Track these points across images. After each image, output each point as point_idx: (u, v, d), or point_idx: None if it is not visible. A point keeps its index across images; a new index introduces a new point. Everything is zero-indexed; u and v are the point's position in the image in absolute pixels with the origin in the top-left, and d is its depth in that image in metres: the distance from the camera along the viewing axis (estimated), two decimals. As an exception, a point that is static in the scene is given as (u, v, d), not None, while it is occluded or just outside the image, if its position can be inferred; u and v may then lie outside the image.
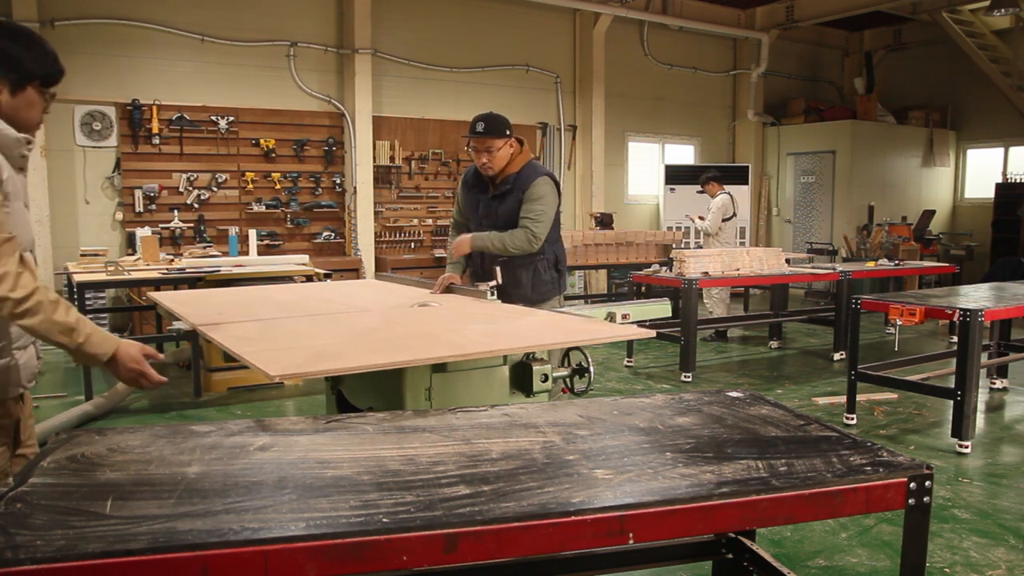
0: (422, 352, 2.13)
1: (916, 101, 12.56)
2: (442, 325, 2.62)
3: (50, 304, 1.70)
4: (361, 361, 2.00)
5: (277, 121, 8.53)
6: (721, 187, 7.78)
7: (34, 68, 1.81)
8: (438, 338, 2.39)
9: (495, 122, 3.54)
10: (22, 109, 1.81)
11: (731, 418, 1.90)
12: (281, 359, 1.97)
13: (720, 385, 5.76)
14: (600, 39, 10.40)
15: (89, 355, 1.77)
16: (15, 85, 1.78)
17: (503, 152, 3.51)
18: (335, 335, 2.41)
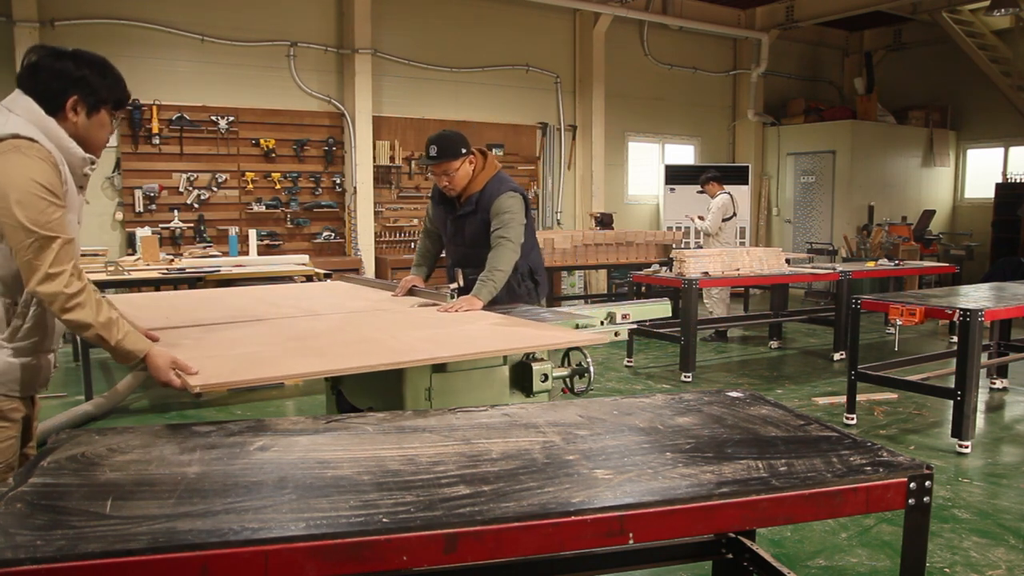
0: (354, 360, 2.11)
1: (916, 101, 12.56)
2: (386, 331, 2.54)
3: (95, 303, 1.85)
4: (287, 370, 2.01)
5: (277, 121, 8.53)
6: (721, 187, 7.77)
7: (108, 93, 1.97)
8: (379, 344, 2.31)
9: (449, 142, 3.38)
10: (94, 130, 1.97)
11: (731, 418, 1.90)
12: (207, 368, 1.95)
13: (720, 385, 5.76)
14: (600, 39, 10.40)
15: (125, 351, 1.90)
16: (91, 108, 1.94)
17: (463, 171, 3.39)
18: (272, 342, 2.37)
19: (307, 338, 2.43)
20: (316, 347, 2.29)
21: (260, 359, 2.12)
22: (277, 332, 2.55)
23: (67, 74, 1.90)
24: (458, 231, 3.52)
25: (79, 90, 1.90)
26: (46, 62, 1.90)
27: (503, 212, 3.35)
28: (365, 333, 2.52)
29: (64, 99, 1.89)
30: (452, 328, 2.62)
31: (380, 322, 2.74)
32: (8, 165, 1.75)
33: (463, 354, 2.26)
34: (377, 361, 2.07)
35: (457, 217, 3.50)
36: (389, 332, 2.50)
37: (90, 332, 1.83)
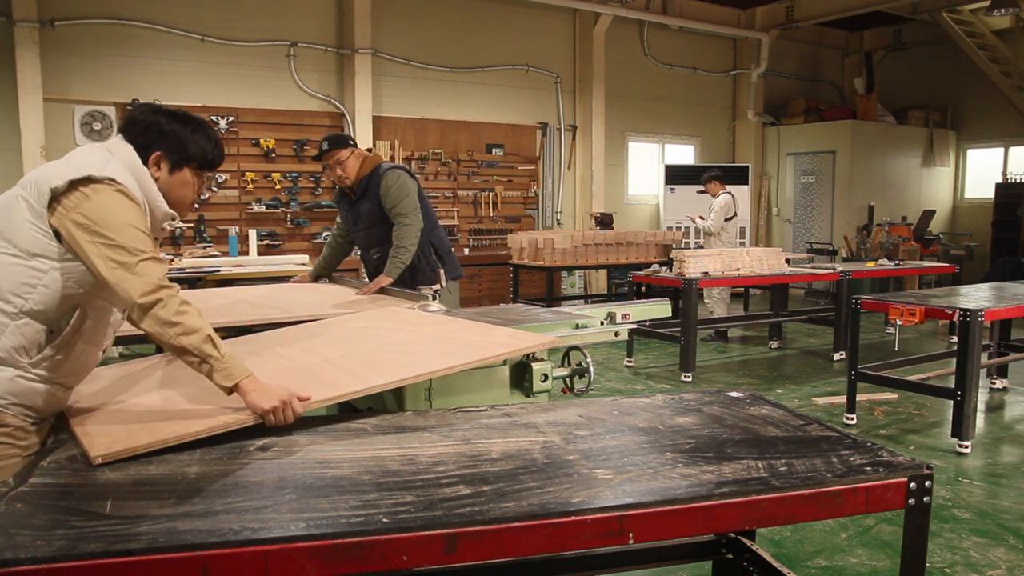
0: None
1: (916, 101, 12.56)
2: (319, 353, 2.28)
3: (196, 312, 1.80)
4: (165, 434, 1.62)
5: (277, 121, 8.53)
6: (723, 186, 7.78)
7: (194, 151, 1.96)
8: (311, 375, 2.02)
9: (336, 137, 3.89)
10: (176, 187, 1.95)
11: (731, 418, 1.90)
12: (109, 430, 1.68)
13: (720, 385, 5.76)
14: (600, 39, 10.40)
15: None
16: (174, 165, 1.92)
17: (351, 161, 3.80)
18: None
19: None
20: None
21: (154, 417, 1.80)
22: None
23: (156, 128, 1.91)
24: (357, 218, 3.89)
25: (164, 145, 1.90)
26: (141, 114, 1.92)
27: (391, 187, 3.73)
28: (296, 362, 2.20)
29: (149, 152, 1.89)
30: (391, 342, 2.40)
31: (317, 343, 2.43)
32: (109, 201, 1.74)
33: (387, 382, 1.94)
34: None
35: (354, 204, 3.88)
36: (323, 355, 2.25)
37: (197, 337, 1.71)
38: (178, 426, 1.65)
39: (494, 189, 9.85)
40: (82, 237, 1.69)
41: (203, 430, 1.64)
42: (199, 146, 1.98)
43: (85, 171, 1.72)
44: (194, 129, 1.97)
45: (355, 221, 3.92)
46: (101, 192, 1.72)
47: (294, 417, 1.74)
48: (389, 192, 3.73)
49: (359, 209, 3.86)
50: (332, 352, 2.25)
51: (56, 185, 1.71)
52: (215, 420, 1.69)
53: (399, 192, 3.73)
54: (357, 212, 3.88)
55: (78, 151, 1.89)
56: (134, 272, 1.69)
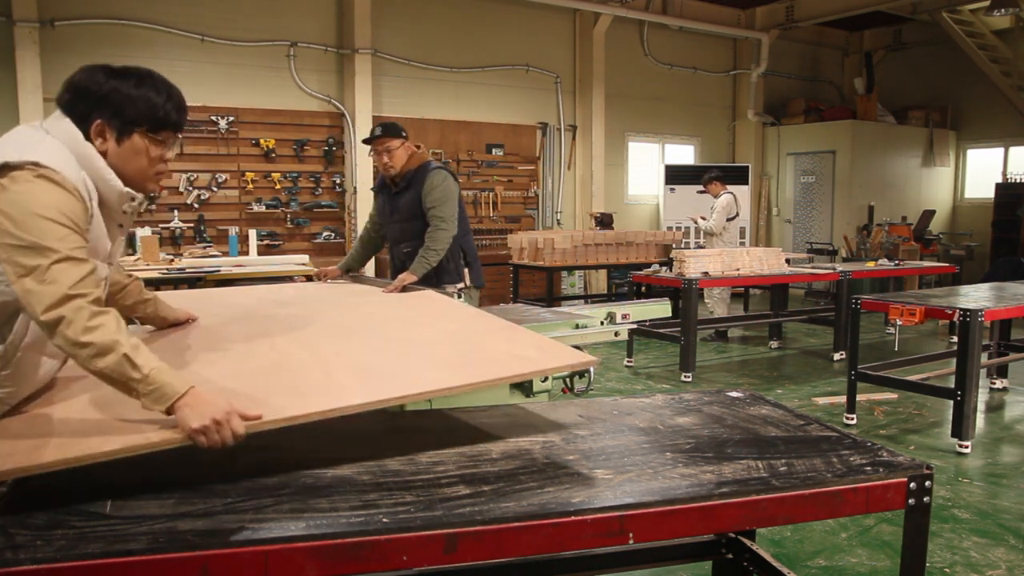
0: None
1: (916, 101, 12.56)
2: (313, 346, 1.99)
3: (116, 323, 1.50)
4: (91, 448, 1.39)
5: (277, 121, 8.52)
6: (724, 187, 7.78)
7: (141, 109, 1.63)
8: (288, 377, 1.73)
9: (391, 125, 3.91)
10: (129, 159, 1.64)
11: (731, 418, 1.90)
12: (15, 444, 1.44)
13: (720, 385, 5.76)
14: (600, 39, 10.40)
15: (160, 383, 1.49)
16: (120, 132, 1.62)
17: (400, 152, 3.83)
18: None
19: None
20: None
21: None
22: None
23: (92, 91, 1.59)
24: (394, 209, 3.91)
25: (103, 110, 1.59)
26: (79, 77, 1.62)
27: (435, 189, 3.76)
28: (278, 357, 1.93)
29: (90, 122, 1.59)
30: (405, 349, 2.02)
31: (307, 337, 2.13)
32: (26, 190, 1.46)
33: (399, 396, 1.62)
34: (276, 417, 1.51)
35: (394, 196, 3.90)
36: (311, 349, 1.98)
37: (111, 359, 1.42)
38: (94, 442, 1.39)
39: (494, 189, 9.85)
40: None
41: (120, 449, 1.37)
42: (147, 103, 1.64)
43: (2, 157, 1.47)
44: (138, 83, 1.64)
45: (391, 212, 3.94)
46: (19, 181, 1.45)
47: (233, 439, 1.42)
48: (432, 192, 3.75)
49: (398, 201, 3.88)
50: (328, 346, 1.98)
51: None
52: (136, 438, 1.41)
53: (442, 194, 3.75)
54: (396, 203, 3.90)
55: (8, 134, 1.60)
56: (42, 280, 1.41)
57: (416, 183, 3.80)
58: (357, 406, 1.52)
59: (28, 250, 1.42)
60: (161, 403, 1.41)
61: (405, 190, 3.84)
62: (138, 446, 1.39)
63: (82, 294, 1.43)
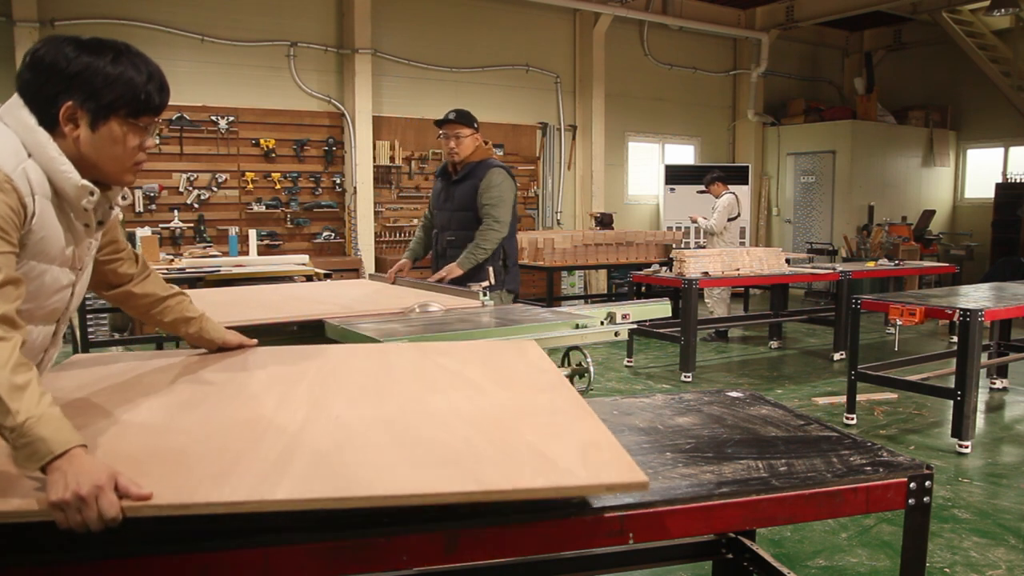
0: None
1: (916, 101, 12.56)
2: (325, 404, 1.58)
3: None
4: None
5: (277, 121, 8.53)
6: (725, 187, 7.79)
7: (120, 91, 1.42)
8: (240, 453, 1.30)
9: (464, 113, 3.94)
10: (104, 147, 1.43)
11: (731, 418, 1.90)
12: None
13: (720, 385, 5.76)
14: (600, 39, 10.40)
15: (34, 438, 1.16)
16: (95, 117, 1.41)
17: (468, 141, 3.89)
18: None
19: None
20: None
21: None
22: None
23: (60, 69, 1.38)
24: (449, 197, 3.95)
25: (74, 92, 1.38)
26: (43, 51, 1.40)
27: (493, 187, 3.83)
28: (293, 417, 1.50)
29: (57, 105, 1.38)
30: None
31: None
32: None
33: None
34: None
35: (452, 183, 3.94)
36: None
37: None
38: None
39: (494, 189, 9.84)
40: None
41: None
42: (126, 84, 1.42)
43: None
44: (115, 59, 1.42)
45: (446, 199, 3.99)
46: None
47: (100, 521, 1.09)
48: (490, 190, 3.81)
49: (455, 189, 3.94)
50: (337, 405, 1.58)
51: None
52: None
53: (499, 195, 3.83)
54: (452, 191, 3.95)
55: None
56: None
57: (475, 176, 3.87)
58: (275, 502, 1.13)
59: None
60: (32, 461, 1.14)
61: (463, 180, 3.90)
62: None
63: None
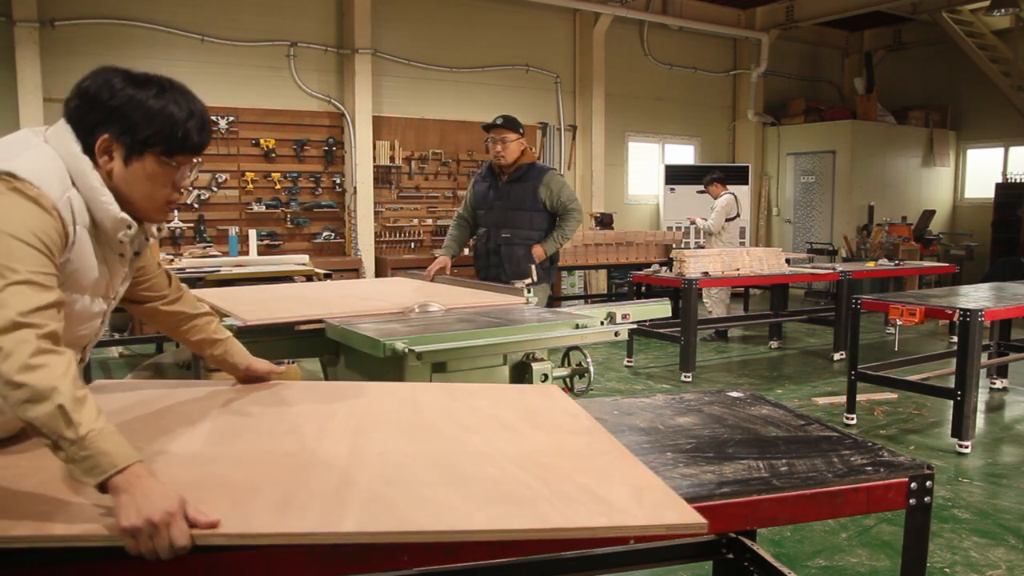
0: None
1: (916, 101, 12.56)
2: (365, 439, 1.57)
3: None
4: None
5: (277, 121, 8.52)
6: (724, 188, 7.79)
7: (158, 128, 1.41)
8: (297, 487, 1.31)
9: (512, 120, 4.18)
10: (138, 183, 1.42)
11: (732, 418, 1.90)
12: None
13: (720, 385, 5.76)
14: (600, 39, 10.40)
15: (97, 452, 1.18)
16: (129, 152, 1.40)
17: (514, 145, 4.14)
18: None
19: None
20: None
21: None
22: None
23: (103, 100, 1.38)
24: (502, 196, 4.20)
25: (113, 124, 1.38)
26: (90, 81, 1.41)
27: (564, 187, 4.22)
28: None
29: (95, 135, 1.38)
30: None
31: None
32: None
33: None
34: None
35: (506, 184, 4.19)
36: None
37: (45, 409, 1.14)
38: (3, 524, 1.13)
39: (494, 189, 9.85)
40: None
41: (26, 537, 1.11)
42: (165, 120, 1.41)
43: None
44: (158, 94, 1.43)
45: (498, 199, 4.23)
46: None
47: (171, 550, 1.11)
48: (563, 190, 4.20)
49: (509, 189, 4.19)
50: (377, 441, 1.57)
51: None
52: (51, 526, 1.13)
53: (571, 192, 4.27)
54: (505, 192, 4.20)
55: (5, 137, 1.42)
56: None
57: (531, 178, 4.17)
58: (346, 534, 1.17)
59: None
60: (92, 475, 1.14)
61: (517, 181, 4.18)
62: (50, 536, 1.11)
63: (33, 324, 1.18)
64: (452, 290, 3.53)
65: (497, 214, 4.22)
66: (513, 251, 4.17)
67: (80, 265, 1.40)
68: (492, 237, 4.24)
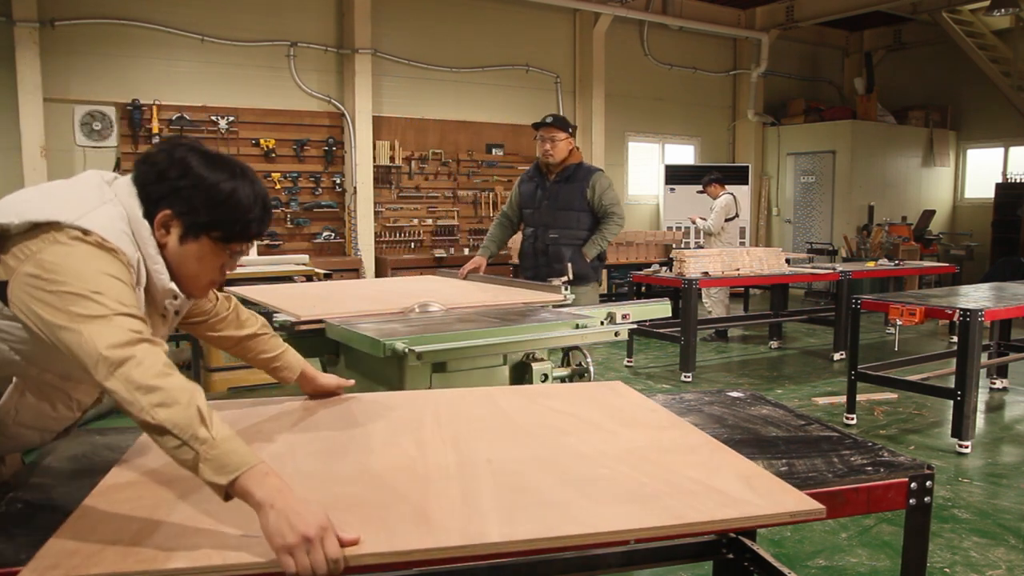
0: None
1: (916, 101, 12.57)
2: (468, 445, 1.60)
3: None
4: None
5: (277, 121, 8.53)
6: (723, 188, 7.79)
7: (214, 218, 1.41)
8: (424, 500, 1.31)
9: (562, 119, 4.20)
10: (188, 260, 1.44)
11: (732, 418, 1.90)
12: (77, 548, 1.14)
13: (720, 385, 5.76)
14: (600, 39, 10.40)
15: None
16: (186, 231, 1.42)
17: (563, 144, 4.15)
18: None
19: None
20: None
21: None
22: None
23: (169, 178, 1.40)
24: (549, 196, 4.22)
25: (175, 203, 1.40)
26: (163, 155, 1.43)
27: (609, 188, 4.21)
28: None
29: (158, 207, 1.40)
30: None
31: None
32: (78, 253, 1.29)
33: None
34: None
35: (554, 184, 4.21)
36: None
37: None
38: (151, 555, 1.11)
39: (494, 189, 9.86)
40: (31, 291, 1.26)
41: (184, 569, 1.09)
42: (231, 210, 1.42)
43: (55, 214, 1.30)
44: (230, 180, 1.42)
45: (546, 196, 4.23)
46: (68, 244, 1.29)
47: (328, 565, 1.08)
48: (608, 192, 4.19)
49: (556, 189, 4.21)
50: (481, 449, 1.58)
51: (10, 222, 1.30)
52: (207, 554, 1.11)
53: (615, 194, 4.27)
54: (553, 191, 4.22)
55: (65, 182, 1.44)
56: (108, 323, 1.23)
57: (578, 178, 4.17)
58: (493, 544, 1.17)
59: (86, 300, 1.24)
60: (223, 473, 1.15)
61: (565, 181, 4.19)
62: (207, 567, 1.09)
63: (153, 340, 1.25)
64: (487, 287, 3.61)
65: (544, 214, 4.23)
66: (561, 251, 4.17)
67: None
68: (540, 237, 4.25)
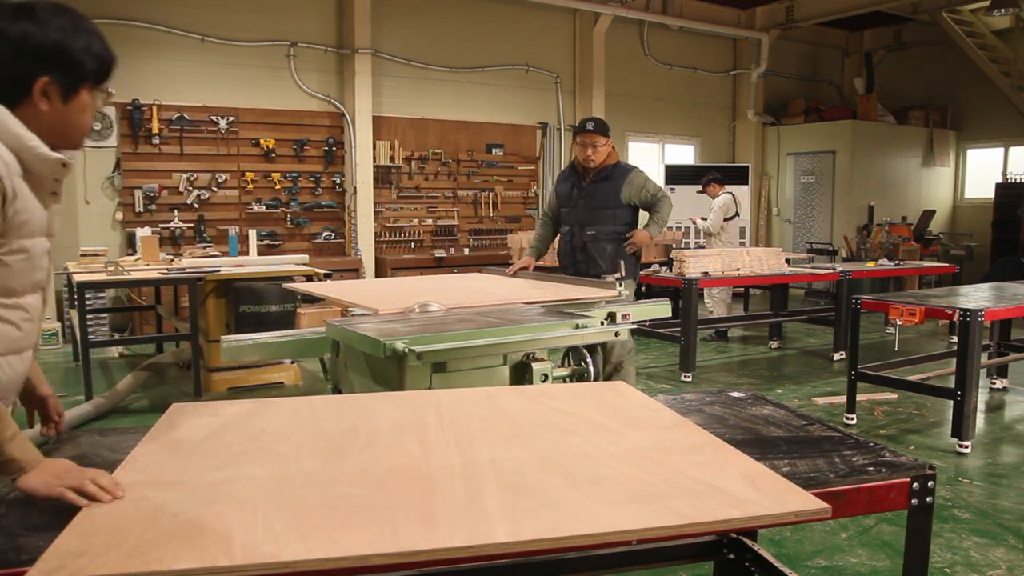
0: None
1: (916, 101, 12.57)
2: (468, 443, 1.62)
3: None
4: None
5: (277, 121, 8.52)
6: (722, 188, 7.79)
7: (87, 65, 1.39)
8: (429, 503, 1.32)
9: (602, 123, 4.41)
10: (74, 116, 1.43)
11: (733, 418, 1.90)
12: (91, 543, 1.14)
13: (720, 385, 5.76)
14: (600, 39, 10.40)
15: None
16: (67, 90, 1.39)
17: (603, 149, 4.33)
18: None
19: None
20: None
21: None
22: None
23: (30, 46, 1.34)
24: (586, 195, 4.37)
25: (50, 68, 1.35)
26: (5, 28, 1.34)
27: (649, 181, 4.39)
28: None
29: (30, 83, 1.34)
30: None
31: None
32: None
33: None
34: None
35: (590, 183, 4.36)
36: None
37: None
38: (162, 555, 1.12)
39: (494, 189, 9.86)
40: None
41: (198, 569, 1.09)
42: (94, 54, 1.40)
43: None
44: (75, 28, 1.38)
45: (583, 196, 4.38)
46: None
47: (104, 479, 1.29)
48: (647, 185, 4.38)
49: (593, 189, 4.36)
50: (485, 449, 1.59)
51: None
52: (215, 558, 1.11)
53: (656, 184, 4.46)
54: (591, 190, 4.36)
55: None
56: None
57: (615, 177, 4.34)
58: (499, 545, 1.18)
59: None
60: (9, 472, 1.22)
61: (602, 181, 4.34)
62: (214, 568, 1.10)
63: None
64: (541, 284, 3.68)
65: (580, 212, 4.38)
66: (600, 247, 4.33)
67: (29, 215, 1.39)
68: (576, 235, 4.40)
